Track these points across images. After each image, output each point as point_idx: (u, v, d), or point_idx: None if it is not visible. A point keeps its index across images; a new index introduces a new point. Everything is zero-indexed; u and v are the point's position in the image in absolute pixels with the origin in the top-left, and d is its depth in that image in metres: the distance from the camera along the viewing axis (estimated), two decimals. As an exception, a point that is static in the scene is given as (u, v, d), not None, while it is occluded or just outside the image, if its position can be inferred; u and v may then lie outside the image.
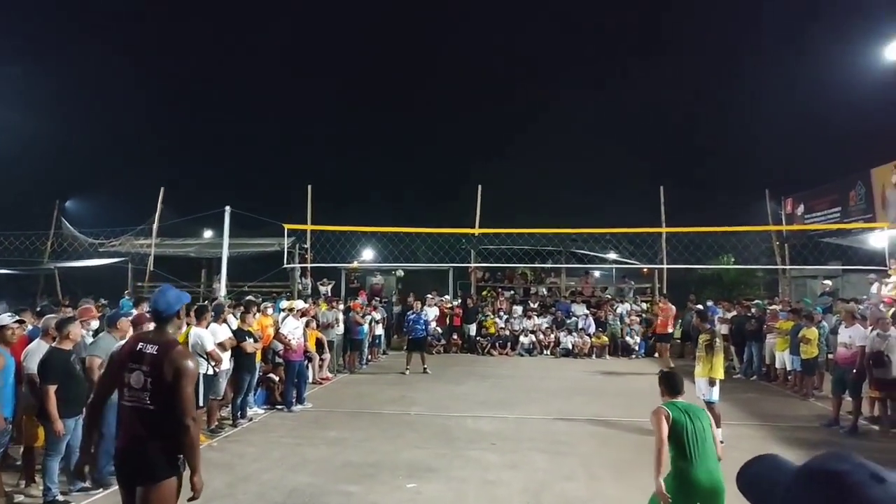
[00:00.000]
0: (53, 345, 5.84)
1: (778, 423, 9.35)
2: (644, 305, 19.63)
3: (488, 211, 20.53)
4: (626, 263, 20.47)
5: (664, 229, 18.22)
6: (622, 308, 18.94)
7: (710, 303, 17.06)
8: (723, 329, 14.83)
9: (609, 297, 20.97)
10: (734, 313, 15.02)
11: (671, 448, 4.10)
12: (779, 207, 20.47)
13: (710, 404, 7.67)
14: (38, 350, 5.97)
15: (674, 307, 16.37)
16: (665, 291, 19.38)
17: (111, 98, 35.26)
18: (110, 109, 34.99)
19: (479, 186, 20.83)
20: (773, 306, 14.06)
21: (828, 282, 16.23)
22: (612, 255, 21.18)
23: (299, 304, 11.75)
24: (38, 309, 8.97)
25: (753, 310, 14.50)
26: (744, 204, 20.99)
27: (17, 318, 5.89)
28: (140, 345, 3.64)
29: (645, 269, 23.09)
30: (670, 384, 4.51)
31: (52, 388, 5.53)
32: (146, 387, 3.52)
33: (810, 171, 23.22)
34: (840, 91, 25.78)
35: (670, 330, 16.25)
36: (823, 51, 29.41)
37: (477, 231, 19.45)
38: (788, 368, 12.22)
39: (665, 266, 18.48)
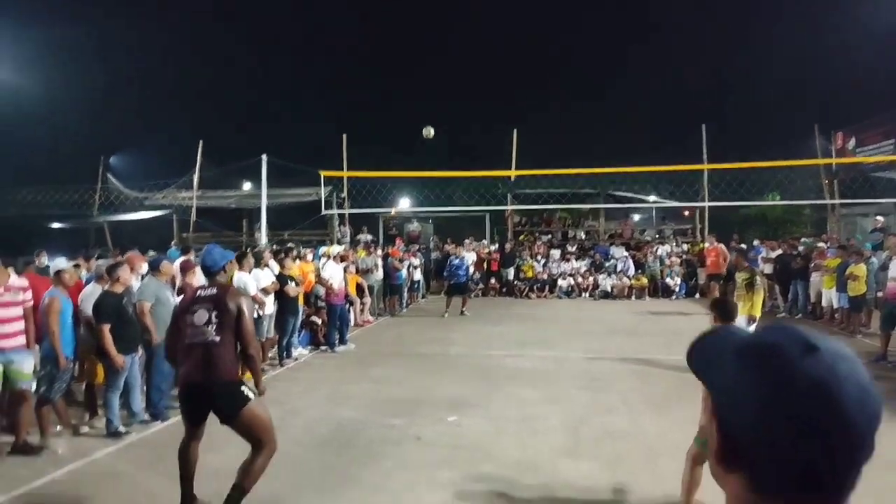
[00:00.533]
0: (106, 288, 6.10)
1: (822, 360, 9.20)
2: (685, 247, 19.30)
3: (525, 155, 20.27)
4: (666, 205, 20.05)
5: (706, 166, 17.70)
6: (662, 250, 18.67)
7: (756, 242, 16.62)
8: (767, 268, 14.53)
9: (648, 239, 20.68)
10: (779, 252, 14.64)
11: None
12: (828, 143, 19.59)
13: None
14: (93, 294, 6.25)
15: (724, 247, 15.85)
16: (707, 232, 18.99)
17: (149, 54, 35.57)
18: (148, 65, 35.35)
19: (515, 130, 20.52)
20: (821, 244, 13.66)
21: (880, 217, 15.64)
22: (652, 198, 20.77)
23: (336, 248, 11.94)
24: (93, 256, 9.31)
25: (800, 248, 14.12)
26: (791, 141, 20.19)
27: (75, 263, 6.14)
28: (199, 291, 4.22)
29: (686, 212, 22.64)
30: (724, 311, 4.54)
31: (107, 327, 5.81)
32: (210, 320, 3.99)
33: (862, 103, 22.09)
34: (893, 17, 24.20)
35: (721, 271, 15.43)
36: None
37: (514, 173, 19.24)
38: (835, 306, 11.96)
39: (707, 204, 18.02)
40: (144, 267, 7.36)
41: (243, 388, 4.02)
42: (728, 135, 20.65)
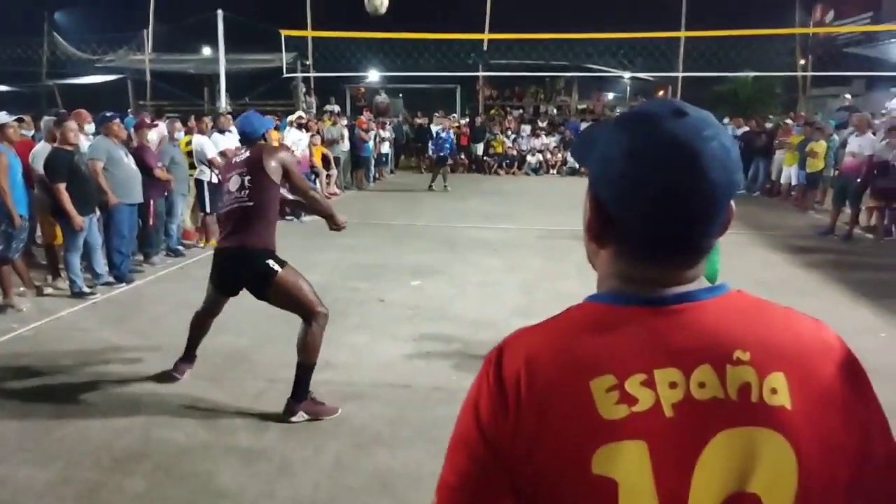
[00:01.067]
0: (55, 145, 5.89)
1: (773, 232, 9.57)
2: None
3: (497, 22, 19.43)
4: (640, 78, 19.72)
5: (683, 33, 17.25)
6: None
7: (725, 120, 16.62)
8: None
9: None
10: (745, 129, 14.71)
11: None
12: (807, 16, 19.15)
13: None
14: (43, 151, 6.05)
15: None
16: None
17: None
18: None
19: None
20: (788, 121, 13.73)
21: (848, 96, 15.69)
22: (627, 74, 20.35)
23: (297, 114, 11.59)
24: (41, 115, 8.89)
25: (768, 125, 14.19)
26: (772, 13, 19.63)
27: (17, 117, 5.87)
28: (234, 158, 4.02)
29: (661, 91, 22.34)
30: None
31: (63, 185, 5.69)
32: (244, 185, 3.74)
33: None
34: None
35: None
36: None
37: (486, 37, 18.51)
38: (794, 183, 12.25)
39: (680, 74, 17.78)
40: (91, 127, 7.08)
41: (269, 260, 3.74)
42: (707, 4, 19.89)
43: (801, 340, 0.81)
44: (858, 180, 8.95)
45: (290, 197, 4.16)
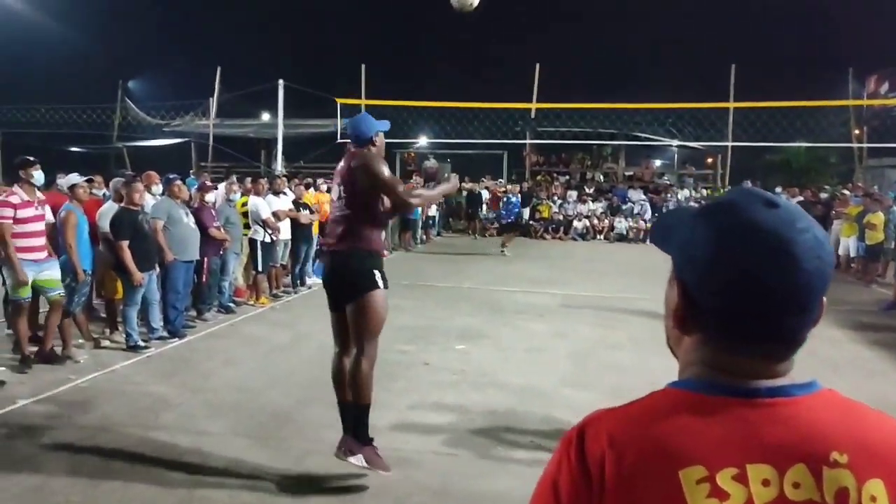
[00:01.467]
0: (122, 205, 6.18)
1: (836, 307, 9.16)
2: (705, 192, 19.03)
3: (545, 93, 19.85)
4: (688, 147, 19.67)
5: (731, 104, 17.22)
6: (682, 194, 18.43)
7: (778, 189, 16.34)
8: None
9: (668, 182, 20.39)
10: (800, 198, 14.40)
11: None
12: (861, 88, 18.92)
13: None
14: (110, 210, 6.35)
15: None
16: (727, 178, 18.67)
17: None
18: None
19: (538, 65, 20.02)
20: (845, 191, 13.39)
21: (907, 168, 15.26)
22: (675, 142, 20.37)
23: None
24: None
25: (823, 195, 13.87)
26: (823, 85, 19.49)
27: (88, 178, 6.21)
28: (338, 166, 3.85)
29: (709, 158, 22.20)
30: None
31: (125, 243, 5.94)
32: (341, 195, 3.69)
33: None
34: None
35: None
36: None
37: (534, 106, 18.88)
38: (853, 255, 11.83)
39: (730, 144, 17.64)
40: (158, 188, 7.43)
41: (375, 271, 3.62)
42: (758, 77, 19.93)
43: None
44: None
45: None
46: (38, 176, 5.62)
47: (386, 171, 3.64)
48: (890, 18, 25.70)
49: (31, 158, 5.66)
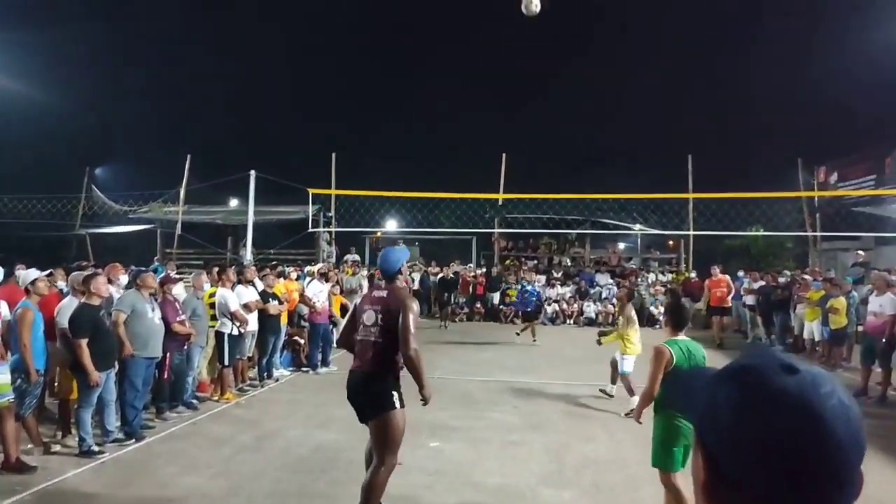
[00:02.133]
0: (83, 300, 5.98)
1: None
2: (669, 276, 19.42)
3: (513, 180, 20.43)
4: (652, 233, 20.22)
5: (691, 195, 17.91)
6: (651, 278, 18.77)
7: (740, 273, 16.75)
8: (748, 300, 14.63)
9: (634, 266, 20.79)
10: (762, 283, 14.76)
11: (662, 390, 4.07)
12: (811, 177, 19.96)
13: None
14: (69, 306, 6.12)
15: (730, 279, 14.89)
16: (691, 263, 19.13)
17: (137, 66, 35.54)
18: (136, 77, 35.29)
19: (504, 155, 20.67)
20: (805, 276, 13.79)
21: (861, 252, 15.87)
22: (638, 226, 20.95)
23: (319, 266, 11.83)
24: (69, 267, 9.15)
25: (781, 279, 14.24)
26: (774, 174, 20.51)
27: (48, 272, 6.02)
28: (374, 292, 4.37)
29: (671, 241, 22.83)
30: (677, 318, 4.44)
31: (84, 342, 5.69)
32: (376, 322, 4.17)
33: (845, 138, 22.54)
34: (876, 57, 24.82)
35: (727, 304, 14.44)
36: (856, 17, 28.29)
37: (501, 196, 19.33)
38: (817, 339, 12.03)
39: (691, 233, 18.19)
40: (124, 279, 7.24)
41: (395, 392, 4.14)
42: (713, 166, 20.91)
43: None
44: (884, 340, 8.78)
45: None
46: None
47: (415, 313, 4.15)
48: (833, 114, 27.59)
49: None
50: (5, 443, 5.34)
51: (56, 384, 6.45)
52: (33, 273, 5.84)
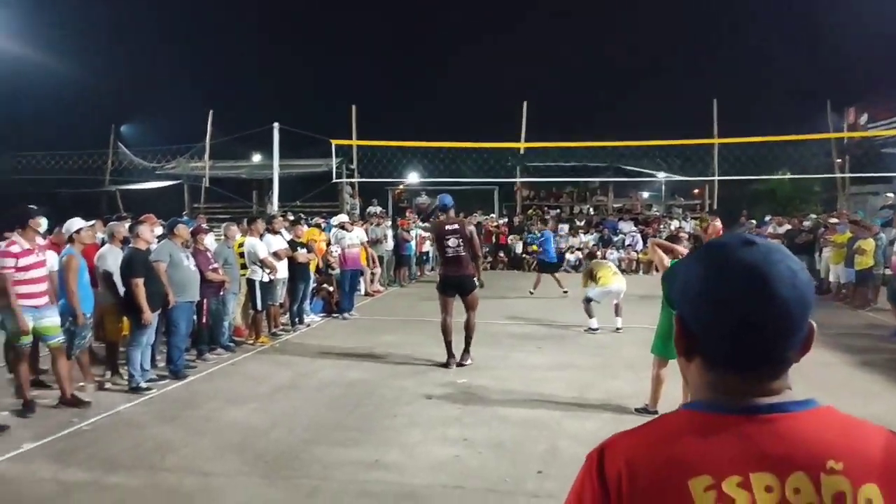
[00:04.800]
0: (132, 245, 6.30)
1: (827, 331, 9.27)
2: (693, 223, 19.30)
3: (534, 129, 20.23)
4: (676, 179, 20.01)
5: (716, 140, 17.62)
6: (673, 224, 18.67)
7: (767, 218, 16.60)
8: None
9: (658, 213, 20.68)
10: (787, 227, 14.67)
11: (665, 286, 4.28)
12: (840, 119, 19.42)
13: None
14: (109, 253, 6.44)
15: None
16: (716, 208, 18.95)
17: (161, 23, 35.42)
18: (160, 34, 35.24)
19: (525, 103, 20.44)
20: (832, 219, 13.65)
21: (890, 195, 15.59)
22: (662, 173, 20.71)
23: (342, 217, 11.99)
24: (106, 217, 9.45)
25: (807, 223, 14.12)
26: (803, 116, 20.00)
27: (91, 223, 6.30)
28: (447, 226, 7.26)
29: (696, 188, 22.56)
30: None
31: (140, 280, 6.06)
32: (460, 243, 7.15)
33: (874, 79, 21.78)
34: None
35: None
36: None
37: (523, 146, 19.21)
38: (842, 281, 12.01)
39: (716, 178, 17.97)
40: (158, 230, 7.51)
41: (475, 279, 7.37)
42: (739, 110, 20.44)
43: (893, 454, 0.85)
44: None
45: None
46: (44, 223, 5.70)
47: (476, 233, 7.54)
48: (864, 52, 26.52)
49: (34, 207, 5.75)
50: (60, 380, 5.71)
51: (102, 329, 6.80)
52: (77, 222, 6.10)
